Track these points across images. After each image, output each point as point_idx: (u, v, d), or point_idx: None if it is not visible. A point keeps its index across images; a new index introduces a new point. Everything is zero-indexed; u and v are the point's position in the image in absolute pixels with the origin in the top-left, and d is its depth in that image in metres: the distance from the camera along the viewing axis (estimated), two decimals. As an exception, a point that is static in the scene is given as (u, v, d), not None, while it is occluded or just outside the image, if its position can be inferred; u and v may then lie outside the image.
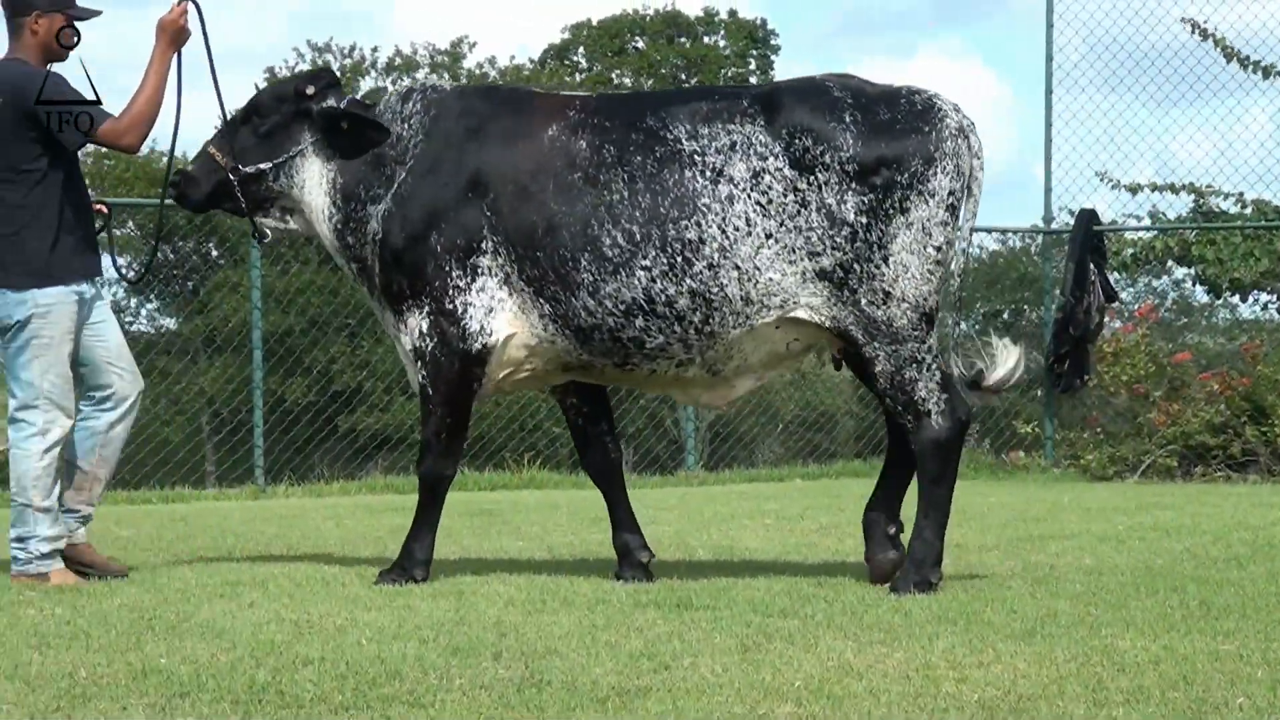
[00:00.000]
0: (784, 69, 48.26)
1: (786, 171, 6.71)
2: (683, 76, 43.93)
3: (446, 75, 38.25)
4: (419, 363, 6.97)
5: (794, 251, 6.70)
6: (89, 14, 7.01)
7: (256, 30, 74.47)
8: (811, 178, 6.69)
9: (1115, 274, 15.35)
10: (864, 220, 6.66)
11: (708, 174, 6.75)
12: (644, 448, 17.67)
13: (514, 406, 17.24)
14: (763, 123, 6.78)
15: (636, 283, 6.76)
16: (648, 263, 6.75)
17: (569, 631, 5.66)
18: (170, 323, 26.00)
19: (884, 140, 6.70)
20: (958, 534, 8.90)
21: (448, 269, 6.89)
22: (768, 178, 6.72)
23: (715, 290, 6.73)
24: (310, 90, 7.16)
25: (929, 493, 6.82)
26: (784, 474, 14.89)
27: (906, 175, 6.69)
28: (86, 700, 4.58)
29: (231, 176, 7.15)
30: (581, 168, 6.85)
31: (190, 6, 7.04)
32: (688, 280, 6.74)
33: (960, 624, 5.88)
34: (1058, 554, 8.09)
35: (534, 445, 16.91)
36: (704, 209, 6.73)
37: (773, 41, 45.86)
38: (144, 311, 27.66)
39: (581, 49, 44.97)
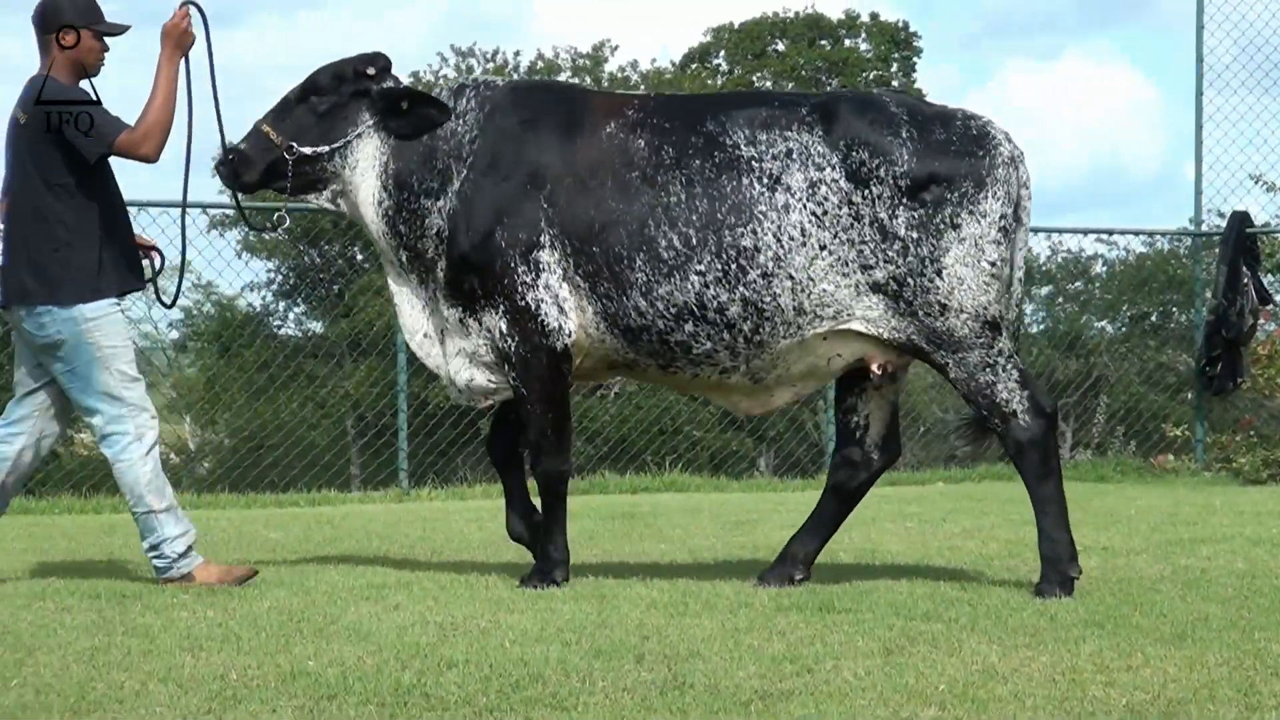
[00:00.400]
0: (926, 72, 47.94)
1: (842, 183, 6.72)
2: (823, 78, 43.76)
3: (589, 79, 38.41)
4: (505, 364, 6.97)
5: (847, 264, 6.71)
6: (118, 29, 6.96)
7: (399, 36, 75.31)
8: (866, 191, 6.70)
9: (1269, 276, 15.08)
10: (914, 235, 6.68)
11: (765, 180, 6.76)
12: (784, 451, 17.63)
13: (654, 410, 17.26)
14: (821, 132, 6.80)
15: (690, 287, 6.76)
16: (702, 267, 6.75)
17: (711, 634, 5.66)
18: (316, 326, 26.36)
19: (938, 159, 6.72)
20: (1104, 537, 8.79)
21: (514, 265, 6.86)
22: (824, 188, 6.73)
23: (768, 300, 6.73)
24: (371, 70, 7.10)
25: (1037, 490, 6.77)
26: (925, 477, 14.78)
27: (957, 195, 6.70)
28: (237, 702, 4.64)
29: (287, 156, 7.09)
30: (639, 167, 6.84)
31: (191, 9, 6.93)
32: (741, 288, 6.73)
33: (1108, 627, 5.80)
34: (1209, 558, 7.96)
35: (675, 448, 16.92)
36: (760, 216, 6.74)
37: (915, 44, 45.51)
38: (291, 315, 28.10)
39: (722, 52, 44.92)
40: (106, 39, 6.95)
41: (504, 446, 7.36)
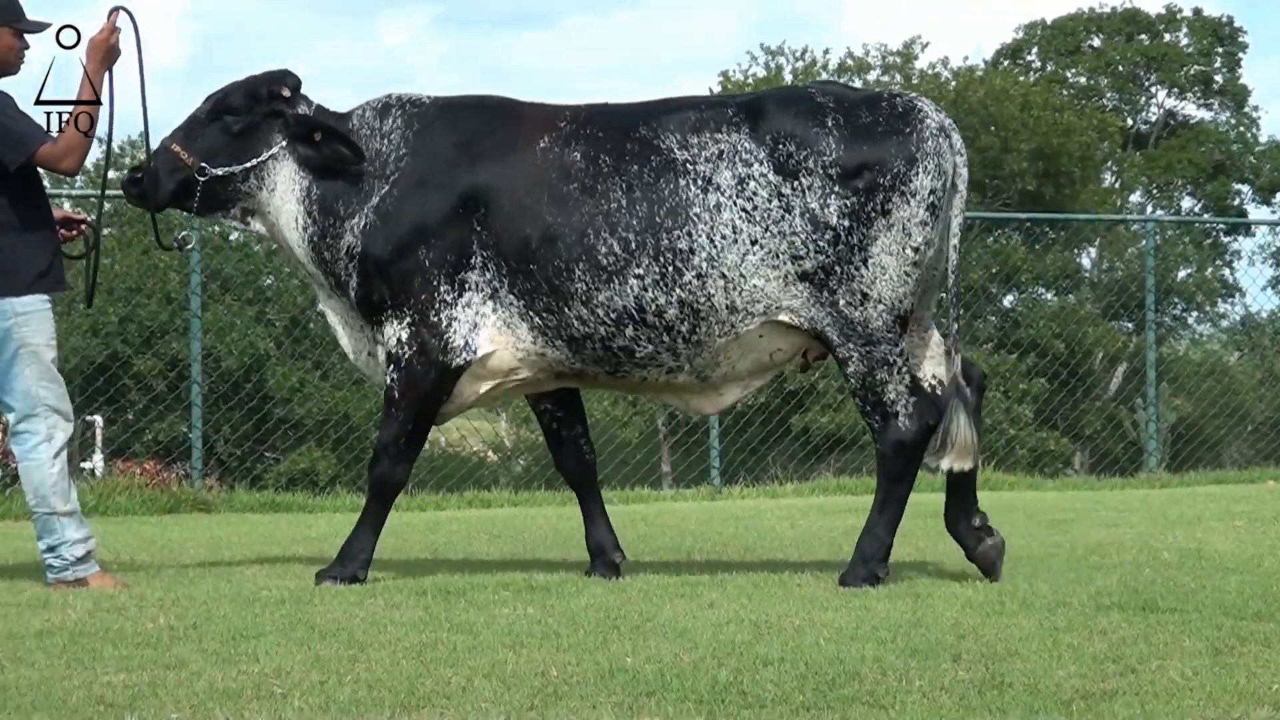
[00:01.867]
0: (1252, 68, 46.35)
1: (771, 177, 6.74)
2: (1140, 73, 42.78)
3: (899, 77, 38.11)
4: (391, 367, 6.96)
5: (778, 256, 6.73)
6: (37, 27, 6.93)
7: (710, 35, 75.85)
8: (795, 183, 6.72)
9: None
10: (846, 223, 6.69)
11: (699, 183, 6.78)
12: (1101, 450, 17.29)
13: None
14: (748, 130, 6.81)
15: (629, 291, 6.79)
16: (640, 271, 6.78)
17: (1029, 634, 5.57)
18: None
19: (866, 143, 6.72)
20: None
21: (435, 283, 6.87)
22: (753, 184, 6.75)
23: (703, 300, 6.77)
24: (285, 92, 7.07)
25: (889, 489, 6.85)
26: (1254, 476, 14.33)
27: (889, 177, 6.71)
28: (558, 699, 4.72)
29: (198, 177, 7.07)
30: (578, 179, 6.86)
31: (123, 16, 6.90)
32: (677, 290, 6.76)
33: None
34: None
35: (990, 446, 16.71)
36: (695, 219, 6.76)
37: (1239, 39, 44.04)
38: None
39: (1035, 49, 44.15)
40: (27, 37, 6.94)
41: (571, 465, 7.41)
